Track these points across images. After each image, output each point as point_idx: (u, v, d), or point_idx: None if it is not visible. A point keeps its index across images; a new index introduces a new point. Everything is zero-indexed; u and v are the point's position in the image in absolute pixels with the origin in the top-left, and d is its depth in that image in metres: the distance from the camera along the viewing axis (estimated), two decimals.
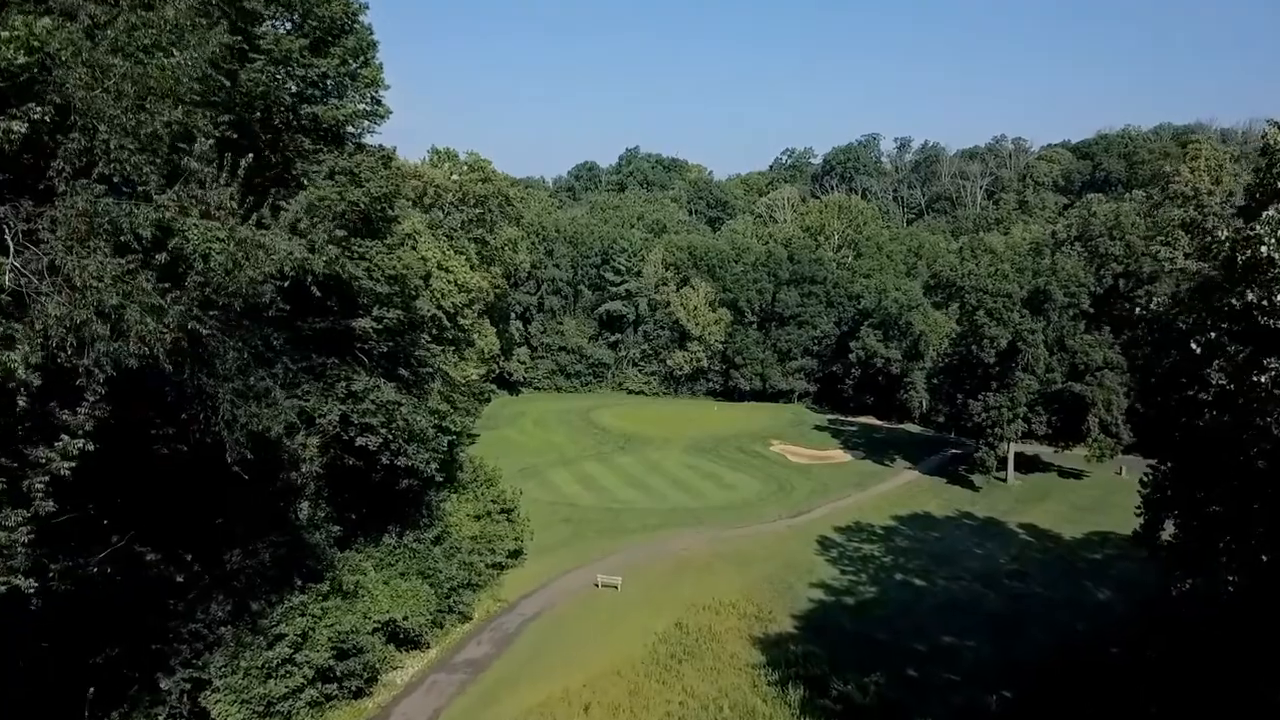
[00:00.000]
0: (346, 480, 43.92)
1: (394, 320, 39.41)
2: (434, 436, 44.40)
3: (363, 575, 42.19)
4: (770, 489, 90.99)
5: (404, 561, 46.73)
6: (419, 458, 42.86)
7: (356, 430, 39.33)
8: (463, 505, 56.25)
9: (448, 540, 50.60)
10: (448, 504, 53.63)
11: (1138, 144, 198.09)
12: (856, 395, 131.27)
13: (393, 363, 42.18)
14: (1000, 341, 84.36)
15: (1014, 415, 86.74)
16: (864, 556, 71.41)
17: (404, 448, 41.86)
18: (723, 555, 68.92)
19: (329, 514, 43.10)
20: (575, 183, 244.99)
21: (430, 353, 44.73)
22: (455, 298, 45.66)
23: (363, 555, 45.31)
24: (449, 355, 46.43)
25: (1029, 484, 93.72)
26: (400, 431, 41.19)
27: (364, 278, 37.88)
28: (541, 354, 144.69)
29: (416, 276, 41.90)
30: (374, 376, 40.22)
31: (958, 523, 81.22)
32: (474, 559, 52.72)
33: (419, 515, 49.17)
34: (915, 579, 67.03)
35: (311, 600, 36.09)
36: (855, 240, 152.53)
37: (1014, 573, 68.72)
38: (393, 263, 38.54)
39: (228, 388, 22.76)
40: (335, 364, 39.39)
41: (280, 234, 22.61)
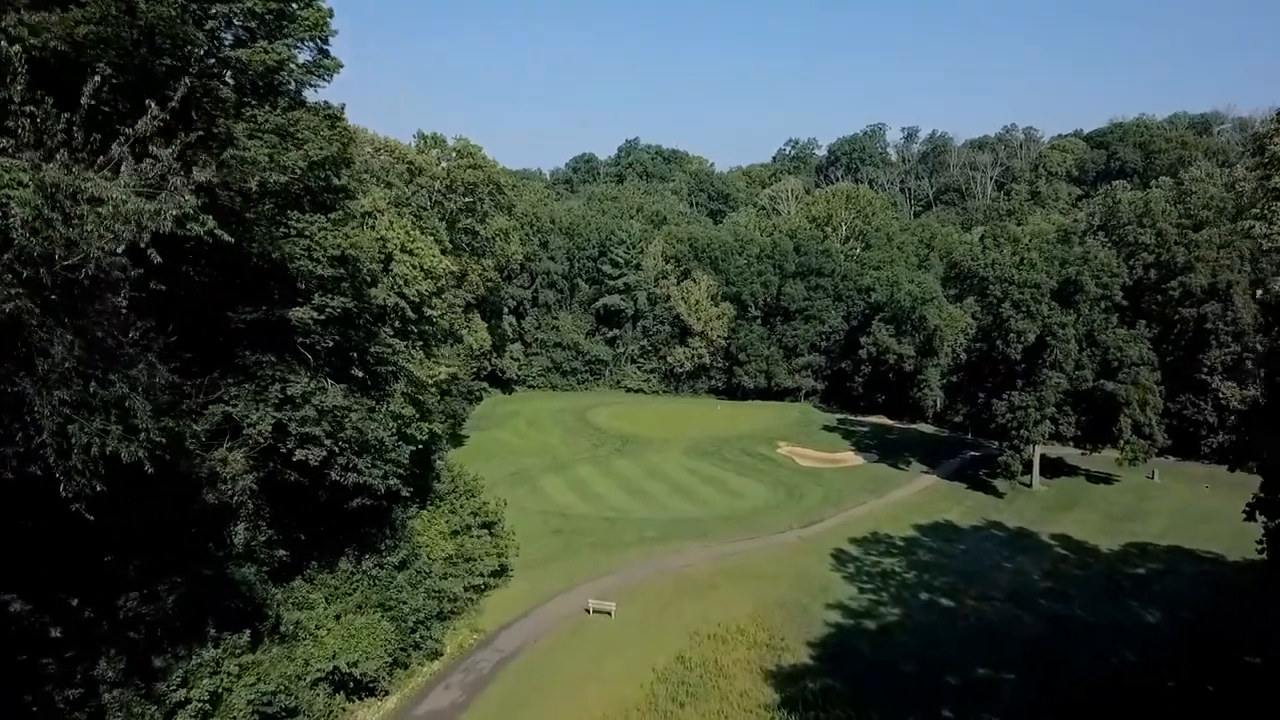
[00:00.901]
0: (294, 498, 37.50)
1: (341, 309, 32.98)
2: (393, 446, 37.99)
3: (309, 612, 35.81)
4: (778, 496, 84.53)
5: (362, 591, 40.34)
6: (373, 472, 36.42)
7: (295, 441, 32.86)
8: (436, 521, 49.81)
9: (415, 563, 44.14)
10: (417, 521, 47.13)
11: (1154, 133, 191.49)
12: (867, 393, 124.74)
13: (343, 360, 35.78)
14: (1028, 336, 77.86)
15: (1041, 415, 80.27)
16: (884, 572, 65.01)
17: (353, 461, 35.39)
18: (729, 572, 62.49)
19: (271, 538, 36.67)
20: (573, 175, 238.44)
21: (391, 349, 38.38)
22: (421, 285, 39.34)
23: (313, 586, 38.93)
24: (414, 351, 39.89)
25: (1056, 489, 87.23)
26: (350, 442, 34.76)
27: (303, 258, 31.46)
28: (536, 350, 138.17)
29: (372, 259, 35.61)
30: (318, 377, 33.79)
31: (984, 533, 74.78)
32: (447, 584, 46.27)
33: (381, 536, 42.75)
34: (942, 598, 60.59)
35: (227, 654, 29.58)
36: (864, 231, 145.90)
37: (1050, 591, 62.30)
38: (338, 240, 32.14)
39: (53, 396, 16.29)
40: (272, 362, 32.94)
41: (124, 185, 16.11)
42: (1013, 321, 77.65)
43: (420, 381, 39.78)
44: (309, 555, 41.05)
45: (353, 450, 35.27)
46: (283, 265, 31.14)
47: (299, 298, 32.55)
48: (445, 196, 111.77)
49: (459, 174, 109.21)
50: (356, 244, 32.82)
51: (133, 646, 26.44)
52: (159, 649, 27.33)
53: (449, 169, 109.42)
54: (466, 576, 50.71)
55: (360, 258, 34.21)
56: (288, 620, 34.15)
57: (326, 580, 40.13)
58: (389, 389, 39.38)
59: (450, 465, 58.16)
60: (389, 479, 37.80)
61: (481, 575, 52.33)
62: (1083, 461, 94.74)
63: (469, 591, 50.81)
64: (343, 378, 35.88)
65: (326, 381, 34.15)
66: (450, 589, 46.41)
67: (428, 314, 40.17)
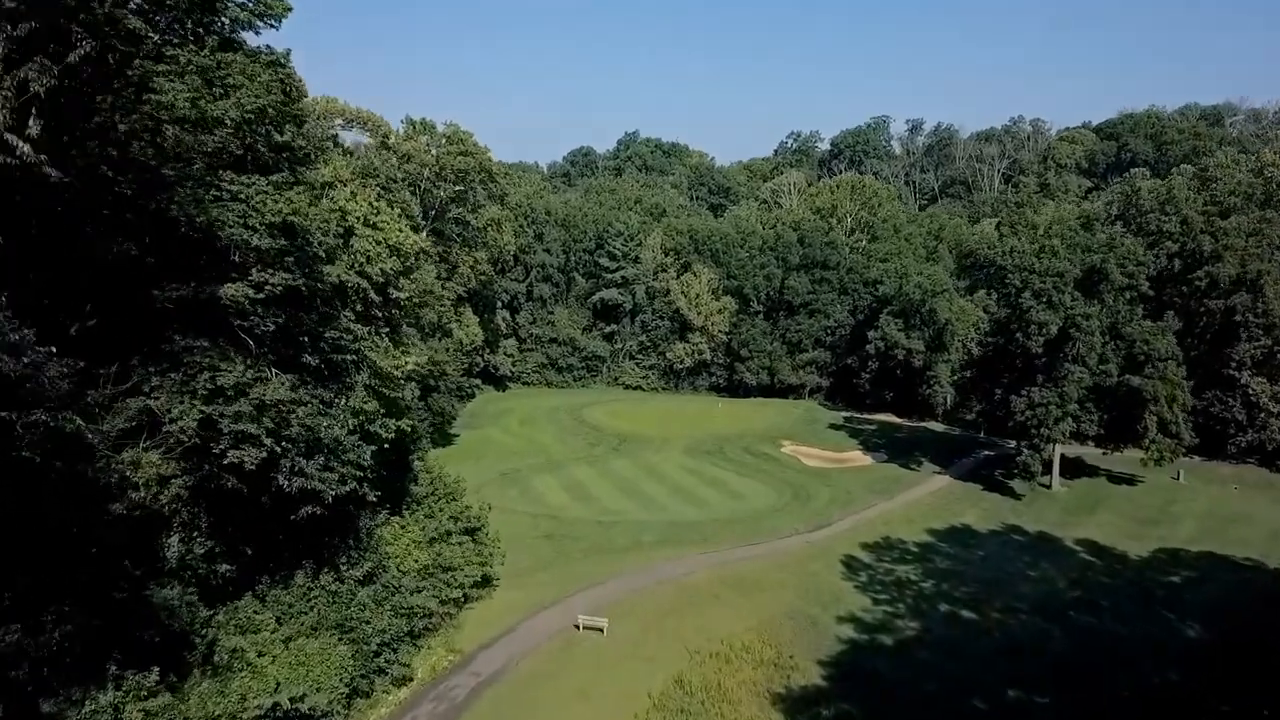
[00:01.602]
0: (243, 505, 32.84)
1: (284, 286, 28.26)
2: (352, 446, 33.31)
3: (253, 636, 31.12)
4: (784, 498, 79.83)
5: (318, 610, 35.64)
6: (325, 476, 31.71)
7: (229, 440, 28.16)
8: (409, 529, 45.04)
9: (383, 577, 39.47)
10: (386, 529, 42.39)
11: (1165, 124, 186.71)
12: (874, 390, 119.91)
13: (291, 347, 31.07)
14: (1049, 328, 73.11)
15: (1063, 413, 75.56)
16: (899, 581, 60.39)
17: (301, 464, 30.67)
18: (732, 581, 57.84)
19: (210, 551, 32.01)
20: (570, 168, 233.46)
21: (351, 334, 33.72)
22: (385, 263, 34.68)
23: (263, 605, 34.25)
24: (379, 338, 35.20)
25: (1077, 491, 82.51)
26: (298, 441, 30.08)
27: (236, 225, 26.80)
28: (530, 346, 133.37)
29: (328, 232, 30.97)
30: (259, 365, 29.09)
31: (1004, 538, 70.12)
32: (418, 599, 41.55)
33: (343, 547, 38.05)
34: (963, 610, 55.98)
35: (129, 697, 24.80)
36: (870, 223, 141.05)
37: (1079, 602, 57.68)
38: (279, 206, 27.46)
39: None
40: (204, 348, 28.25)
41: None
42: (1033, 312, 72.91)
43: (386, 373, 35.11)
44: (261, 569, 36.40)
45: (300, 451, 30.57)
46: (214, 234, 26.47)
47: (235, 273, 27.90)
48: (434, 184, 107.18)
49: (448, 161, 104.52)
50: (301, 210, 28.10)
51: (12, 690, 21.81)
52: (47, 692, 22.71)
53: (438, 155, 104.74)
54: (444, 589, 46.02)
55: (311, 229, 29.56)
56: (224, 648, 29.51)
57: (280, 598, 35.47)
58: (349, 381, 34.73)
59: (430, 467, 53.49)
60: (346, 483, 33.11)
61: (461, 587, 47.66)
62: (1103, 461, 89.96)
63: (446, 606, 46.14)
64: (292, 367, 31.20)
65: (269, 371, 29.48)
66: (423, 604, 41.69)
67: (394, 296, 35.51)
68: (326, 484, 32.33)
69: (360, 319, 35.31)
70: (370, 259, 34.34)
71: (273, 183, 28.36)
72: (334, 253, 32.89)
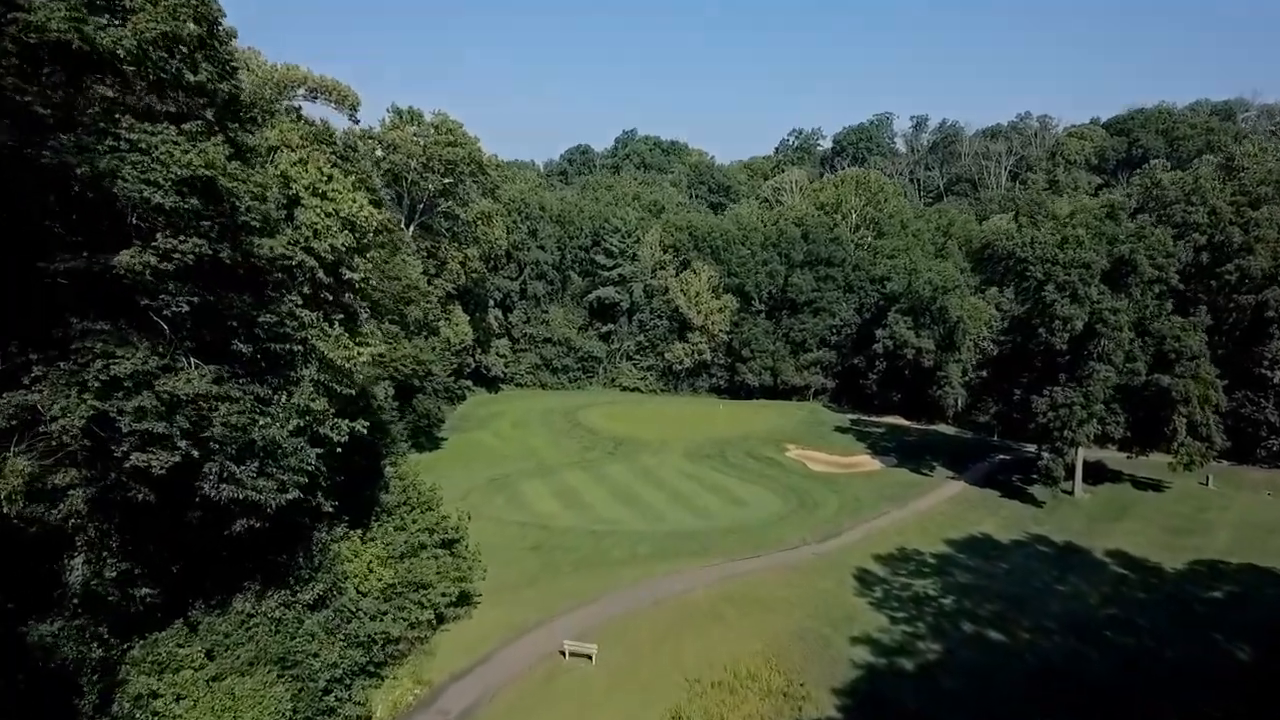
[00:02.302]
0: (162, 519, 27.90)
1: (197, 255, 23.30)
2: (294, 450, 28.42)
3: (171, 676, 26.13)
4: (789, 505, 74.84)
5: (259, 641, 30.66)
6: (262, 485, 26.81)
7: (133, 441, 23.28)
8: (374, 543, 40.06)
9: (337, 600, 34.51)
10: (346, 544, 37.38)
11: (1177, 119, 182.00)
12: (881, 391, 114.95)
13: (217, 332, 26.16)
14: (1075, 323, 68.18)
15: (1088, 414, 70.62)
16: (917, 597, 55.41)
17: (230, 469, 25.80)
18: (735, 598, 52.83)
19: (125, 573, 27.07)
20: (568, 166, 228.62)
21: (297, 320, 28.87)
22: (337, 238, 29.84)
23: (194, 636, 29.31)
24: (330, 326, 30.30)
25: (1101, 498, 77.55)
26: (225, 443, 25.19)
27: (133, 179, 21.97)
28: (524, 346, 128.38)
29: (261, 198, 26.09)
30: (173, 353, 24.21)
31: (1028, 549, 65.13)
32: (381, 625, 36.53)
33: (292, 565, 33.07)
34: (990, 630, 50.96)
35: None
36: (875, 219, 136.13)
37: (1114, 621, 52.68)
38: (189, 159, 22.61)
39: None
40: (103, 331, 23.37)
41: None
42: (1057, 306, 67.99)
43: (338, 366, 30.24)
44: (196, 592, 31.44)
45: (229, 455, 25.70)
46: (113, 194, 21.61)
47: (137, 239, 23.03)
48: (422, 176, 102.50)
49: (436, 151, 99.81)
50: (216, 163, 23.23)
51: None
52: None
53: (425, 146, 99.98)
54: (414, 610, 41.02)
55: (238, 192, 24.71)
56: (128, 694, 24.63)
57: (215, 626, 30.54)
58: (294, 375, 29.87)
59: (404, 473, 48.55)
60: (288, 491, 28.20)
61: (434, 607, 42.66)
62: (1126, 466, 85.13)
63: (417, 630, 41.13)
64: (219, 356, 26.33)
65: (186, 360, 24.61)
66: (385, 631, 36.68)
67: (347, 277, 30.68)
68: (264, 493, 27.43)
69: (308, 303, 30.45)
70: (318, 233, 29.52)
71: (185, 133, 23.58)
72: (273, 223, 28.01)
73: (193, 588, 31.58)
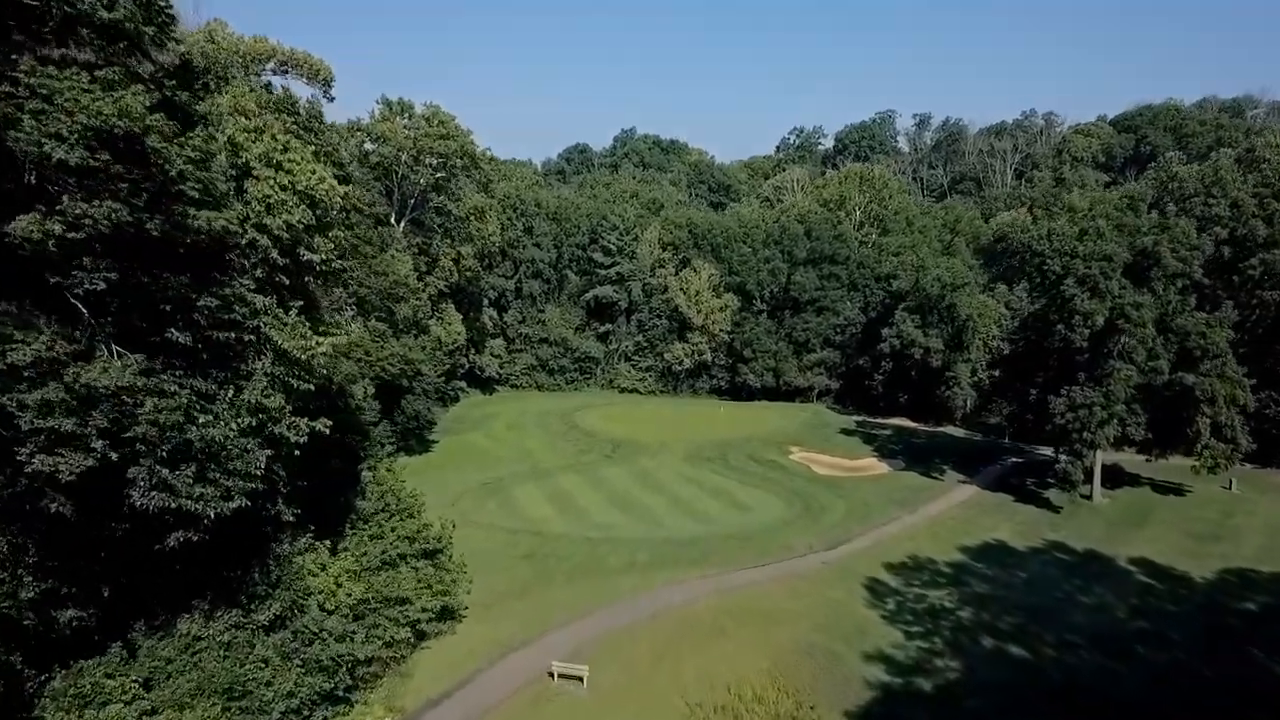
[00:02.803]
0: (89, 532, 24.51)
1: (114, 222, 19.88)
2: (240, 452, 25.08)
3: (91, 714, 22.75)
4: (794, 510, 71.43)
5: (205, 666, 27.24)
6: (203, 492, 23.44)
7: (39, 441, 19.90)
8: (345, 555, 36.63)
9: (298, 620, 31.09)
10: (311, 556, 33.95)
11: (1186, 116, 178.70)
12: (887, 392, 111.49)
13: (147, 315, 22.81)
14: (1095, 319, 64.75)
15: (1109, 415, 67.20)
16: (932, 609, 52.00)
17: (162, 474, 22.44)
18: (739, 611, 49.44)
19: (44, 592, 23.68)
20: (566, 165, 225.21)
21: (247, 306, 25.52)
22: (294, 214, 26.49)
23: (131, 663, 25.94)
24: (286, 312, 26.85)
25: (1120, 503, 74.09)
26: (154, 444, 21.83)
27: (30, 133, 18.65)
28: (519, 346, 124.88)
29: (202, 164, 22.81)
30: (89, 337, 20.87)
31: (1046, 557, 61.73)
32: (345, 647, 33.08)
33: (248, 582, 29.66)
34: (1011, 645, 47.59)
35: None
36: (880, 215, 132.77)
37: (1146, 635, 49.28)
38: (100, 107, 19.29)
39: None
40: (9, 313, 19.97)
41: None
42: (1077, 301, 64.59)
43: (295, 358, 26.85)
44: (137, 613, 28.02)
45: (160, 458, 22.33)
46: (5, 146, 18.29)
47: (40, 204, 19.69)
48: (413, 170, 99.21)
49: (427, 144, 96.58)
50: (133, 113, 19.87)
51: None
52: None
53: (416, 138, 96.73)
54: (390, 627, 37.59)
55: (168, 153, 21.37)
56: None
57: (156, 651, 27.15)
58: (245, 367, 26.54)
59: (382, 478, 45.12)
60: (232, 499, 24.84)
61: (412, 624, 39.23)
62: (1144, 469, 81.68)
63: (394, 649, 37.69)
64: (149, 345, 22.98)
65: (107, 347, 21.26)
66: (352, 653, 33.23)
67: (306, 258, 27.32)
68: (204, 501, 24.04)
69: (262, 287, 27.09)
70: (272, 208, 26.18)
71: (100, 80, 20.26)
72: (220, 195, 24.66)
73: (135, 607, 28.20)
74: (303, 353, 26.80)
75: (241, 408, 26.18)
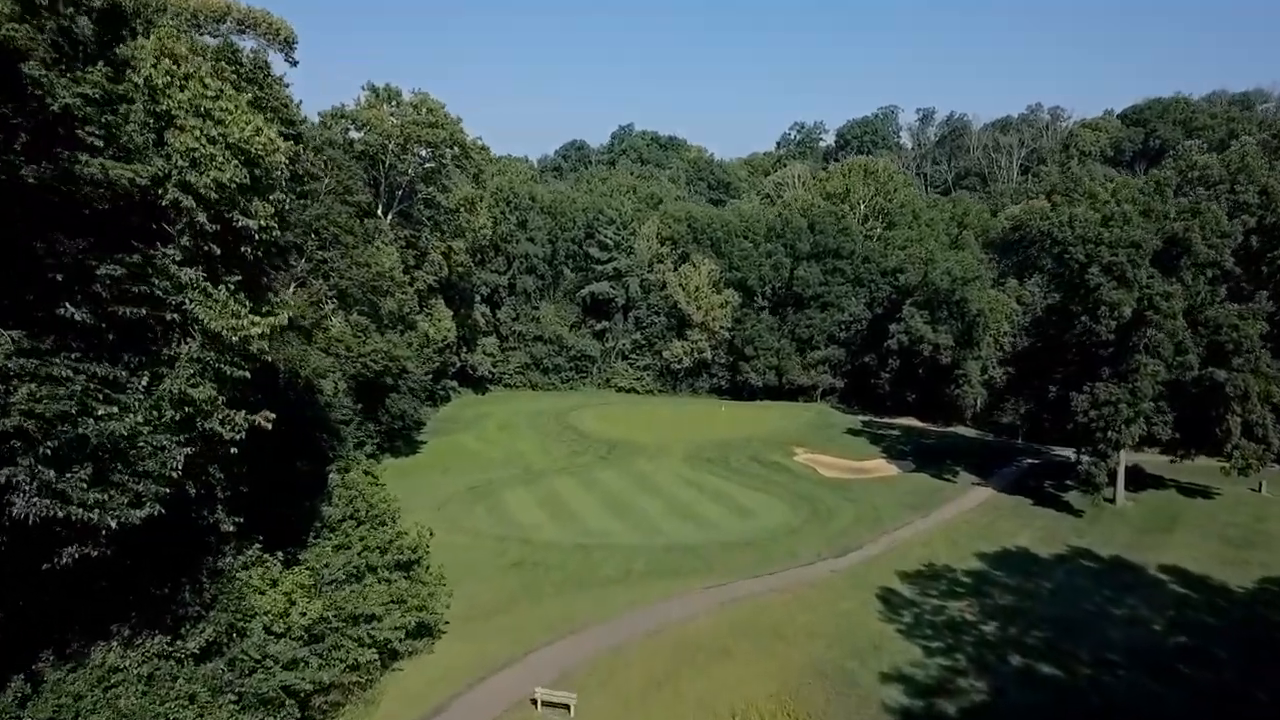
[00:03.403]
0: None
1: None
2: (152, 450, 21.02)
3: None
4: (801, 515, 67.33)
5: (122, 704, 23.12)
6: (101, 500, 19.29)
7: None
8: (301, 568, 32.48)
9: (237, 646, 26.93)
10: (258, 570, 29.79)
11: (1196, 109, 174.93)
12: (894, 391, 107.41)
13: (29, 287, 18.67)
14: (1123, 310, 60.67)
15: (1135, 413, 63.13)
16: (952, 622, 47.90)
17: (47, 477, 18.37)
18: (744, 627, 45.31)
19: None
20: (562, 163, 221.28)
21: (170, 280, 21.44)
22: (224, 172, 22.52)
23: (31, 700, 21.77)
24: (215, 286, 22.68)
25: (1145, 506, 70.01)
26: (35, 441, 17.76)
27: None
28: (513, 344, 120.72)
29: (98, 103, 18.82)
30: None
31: (1071, 565, 57.62)
32: (295, 674, 28.89)
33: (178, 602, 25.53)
34: (1042, 664, 43.44)
35: None
36: (885, 209, 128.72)
37: (1188, 651, 45.18)
38: None
39: None
40: None
41: None
42: (1103, 291, 60.47)
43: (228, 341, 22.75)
44: (46, 639, 23.88)
45: (42, 458, 18.26)
46: None
47: None
48: (400, 159, 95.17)
49: (415, 132, 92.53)
50: None
51: None
52: None
53: (403, 125, 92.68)
54: (354, 649, 33.48)
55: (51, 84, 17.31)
56: None
57: (64, 687, 23.02)
58: (167, 351, 22.51)
59: (351, 481, 40.97)
60: (141, 505, 20.76)
61: (378, 646, 35.06)
62: (1168, 470, 77.52)
63: (359, 673, 33.54)
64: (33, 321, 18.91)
65: None
66: (306, 680, 29.06)
67: (241, 224, 23.17)
68: (105, 509, 19.93)
69: (190, 258, 23.02)
70: (199, 163, 22.14)
71: None
72: (131, 147, 20.59)
73: (46, 634, 24.08)
74: (233, 334, 22.68)
75: (162, 398, 22.08)
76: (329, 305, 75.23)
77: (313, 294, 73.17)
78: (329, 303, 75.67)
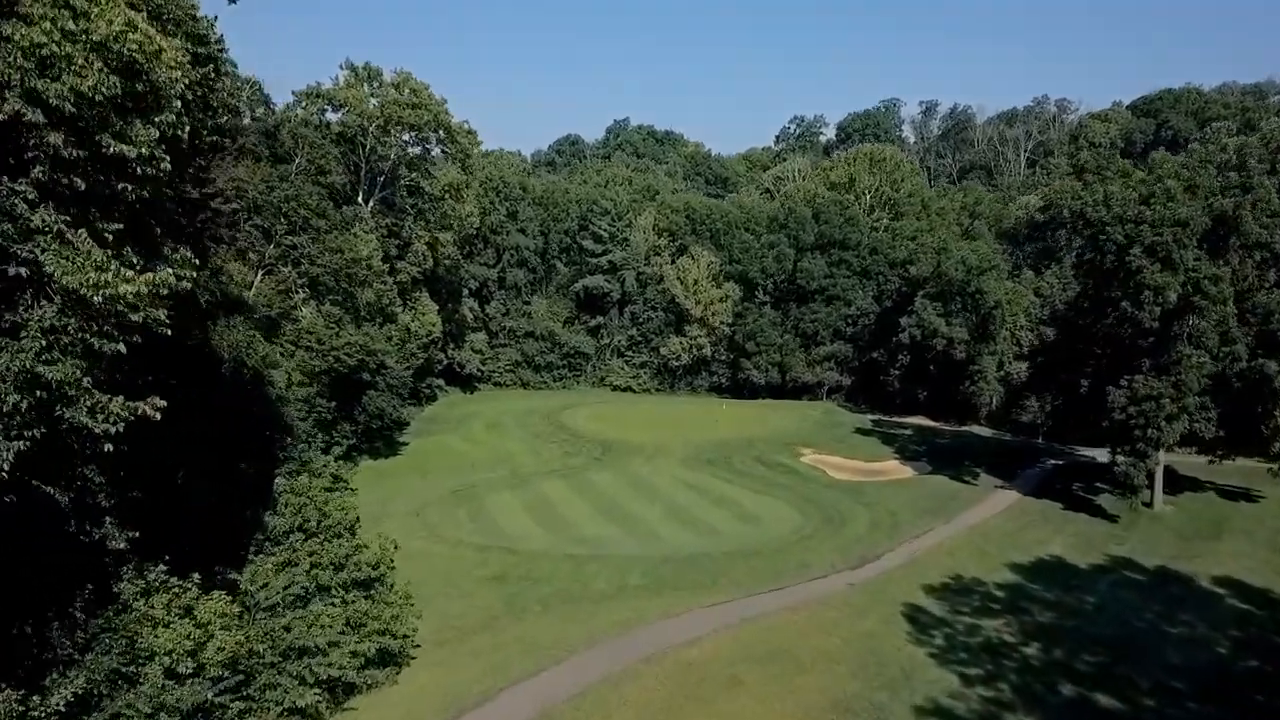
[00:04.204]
0: None
1: None
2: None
3: None
4: (811, 521, 61.75)
5: None
6: None
7: None
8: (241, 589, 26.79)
9: (120, 697, 21.18)
10: (158, 598, 24.12)
11: (1209, 99, 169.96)
12: (905, 389, 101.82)
13: None
14: (1168, 295, 55.14)
15: (1179, 409, 57.67)
16: (989, 644, 42.34)
17: None
18: (756, 652, 39.63)
19: None
20: (556, 157, 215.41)
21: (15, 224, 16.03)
22: (87, 79, 17.26)
23: None
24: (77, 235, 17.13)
25: (1186, 511, 64.52)
26: None
27: None
28: (503, 341, 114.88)
29: None
30: None
31: (1114, 576, 52.14)
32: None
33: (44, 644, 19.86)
34: (1097, 693, 37.91)
35: None
36: (892, 199, 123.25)
37: (1261, 676, 39.79)
38: None
39: None
40: None
41: None
42: (1146, 275, 54.92)
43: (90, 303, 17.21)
44: None
45: None
46: None
47: None
48: (381, 142, 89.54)
49: (396, 113, 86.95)
50: None
51: None
52: None
53: (384, 106, 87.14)
54: (292, 689, 27.80)
55: None
56: None
57: None
58: (13, 317, 17.03)
59: (299, 487, 35.24)
60: None
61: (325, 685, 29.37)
62: (1203, 471, 72.00)
63: (296, 717, 27.84)
64: None
65: None
66: None
67: (115, 150, 17.70)
68: None
69: (45, 195, 17.51)
70: (49, 66, 16.60)
71: None
72: None
73: None
74: (95, 292, 17.08)
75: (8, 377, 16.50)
76: (299, 294, 70.00)
77: (280, 281, 67.85)
78: (299, 291, 70.53)
